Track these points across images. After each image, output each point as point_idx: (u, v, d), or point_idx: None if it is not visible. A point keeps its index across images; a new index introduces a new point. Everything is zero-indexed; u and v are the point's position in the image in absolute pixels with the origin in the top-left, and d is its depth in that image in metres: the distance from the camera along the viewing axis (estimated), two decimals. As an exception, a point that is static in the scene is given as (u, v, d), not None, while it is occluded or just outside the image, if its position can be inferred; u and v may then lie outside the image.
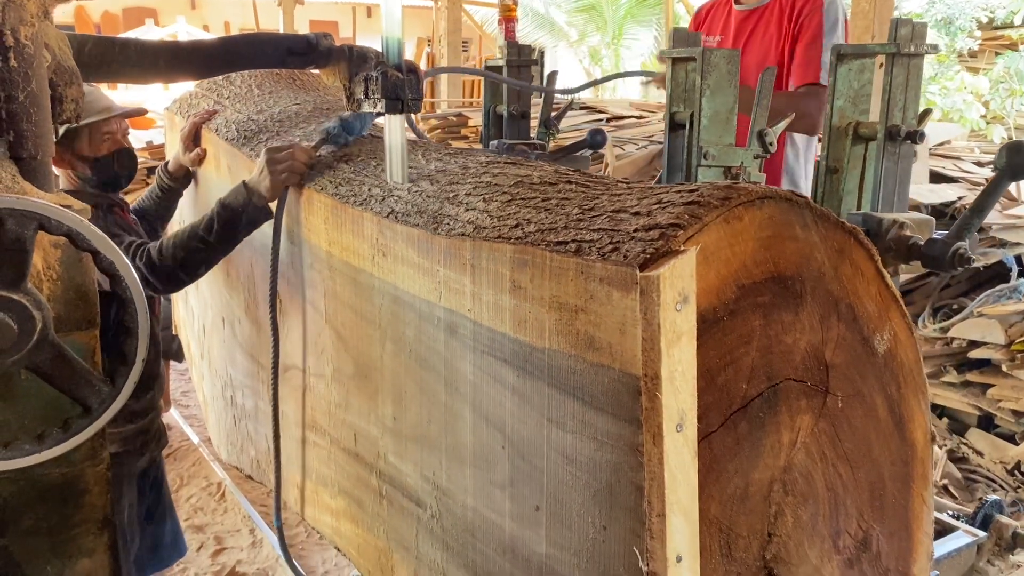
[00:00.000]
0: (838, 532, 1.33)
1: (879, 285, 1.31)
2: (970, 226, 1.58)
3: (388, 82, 1.78)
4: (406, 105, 1.80)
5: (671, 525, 1.07)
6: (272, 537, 3.62)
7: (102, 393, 1.34)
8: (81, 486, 1.45)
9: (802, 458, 1.27)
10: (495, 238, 1.33)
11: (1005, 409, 4.12)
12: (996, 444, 4.15)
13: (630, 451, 1.09)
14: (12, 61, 1.38)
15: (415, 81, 1.81)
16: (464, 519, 1.50)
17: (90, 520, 1.47)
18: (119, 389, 1.35)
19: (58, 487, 1.44)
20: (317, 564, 3.49)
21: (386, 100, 1.79)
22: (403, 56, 1.80)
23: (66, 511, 1.45)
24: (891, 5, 5.46)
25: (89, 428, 1.34)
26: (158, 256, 2.06)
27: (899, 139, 1.71)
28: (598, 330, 1.13)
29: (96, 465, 1.45)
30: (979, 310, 4.31)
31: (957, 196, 5.24)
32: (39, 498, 1.43)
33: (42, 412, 1.39)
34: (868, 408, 1.33)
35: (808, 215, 1.20)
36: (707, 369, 1.12)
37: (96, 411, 1.34)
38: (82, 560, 1.49)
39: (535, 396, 1.26)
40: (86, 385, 1.33)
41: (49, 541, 1.45)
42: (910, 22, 1.66)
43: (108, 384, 1.34)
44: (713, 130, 1.99)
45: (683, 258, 1.04)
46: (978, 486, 4.09)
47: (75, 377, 1.32)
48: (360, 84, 1.93)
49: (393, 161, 1.75)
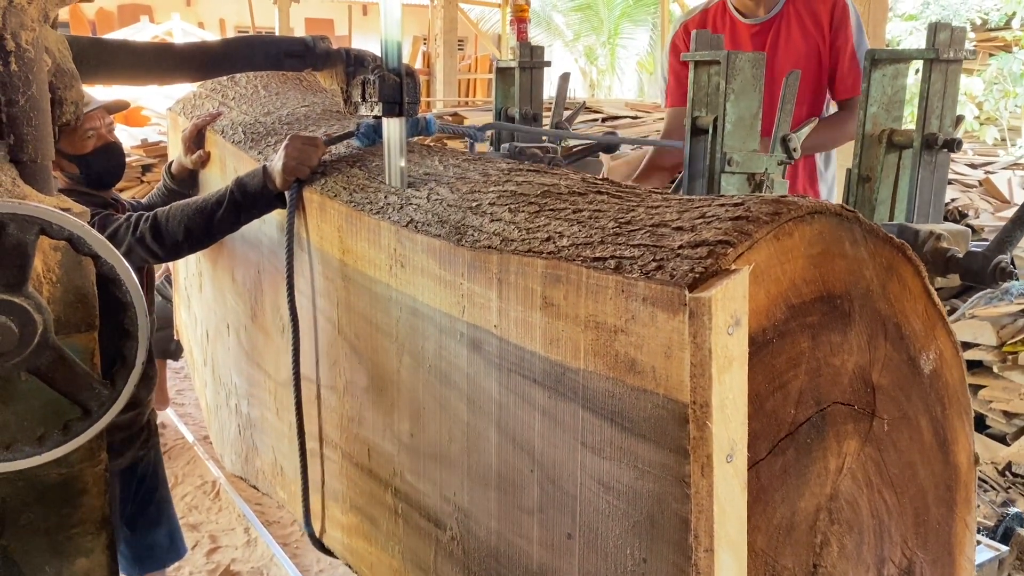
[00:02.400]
0: (883, 560, 1.27)
1: (926, 303, 1.25)
2: (1012, 238, 1.53)
3: (386, 86, 1.77)
4: (403, 109, 1.79)
5: (719, 561, 1.01)
6: (267, 535, 3.61)
7: (102, 396, 1.36)
8: (80, 487, 1.48)
9: (848, 485, 1.21)
10: (525, 252, 1.27)
11: (996, 410, 4.14)
12: (988, 445, 4.16)
13: (675, 482, 1.03)
14: (13, 65, 1.39)
15: (413, 85, 1.80)
16: (488, 543, 1.44)
17: (88, 520, 1.50)
18: (118, 392, 1.36)
19: (57, 487, 1.46)
20: (312, 563, 3.49)
21: (383, 104, 1.78)
22: (402, 60, 1.79)
23: (65, 511, 1.48)
24: (885, 7, 5.41)
25: (89, 430, 1.36)
26: (165, 224, 2.02)
27: (936, 147, 1.65)
28: (640, 352, 1.07)
29: (95, 466, 1.47)
30: (971, 312, 4.35)
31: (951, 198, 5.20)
32: (38, 498, 1.45)
33: (41, 414, 1.41)
34: (913, 431, 1.28)
35: (858, 230, 1.15)
36: (756, 394, 1.06)
37: (96, 414, 1.36)
38: (80, 560, 1.51)
39: (568, 419, 1.20)
40: (86, 388, 1.35)
41: (48, 541, 1.48)
42: (949, 26, 1.60)
43: (108, 387, 1.36)
44: (737, 135, 1.93)
45: (735, 278, 0.98)
46: (971, 488, 4.08)
47: (75, 380, 1.34)
48: (357, 87, 1.92)
49: (391, 166, 1.74)
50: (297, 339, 1.99)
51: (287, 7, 13.76)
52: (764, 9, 2.73)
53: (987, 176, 7.23)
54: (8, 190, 1.38)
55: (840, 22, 2.61)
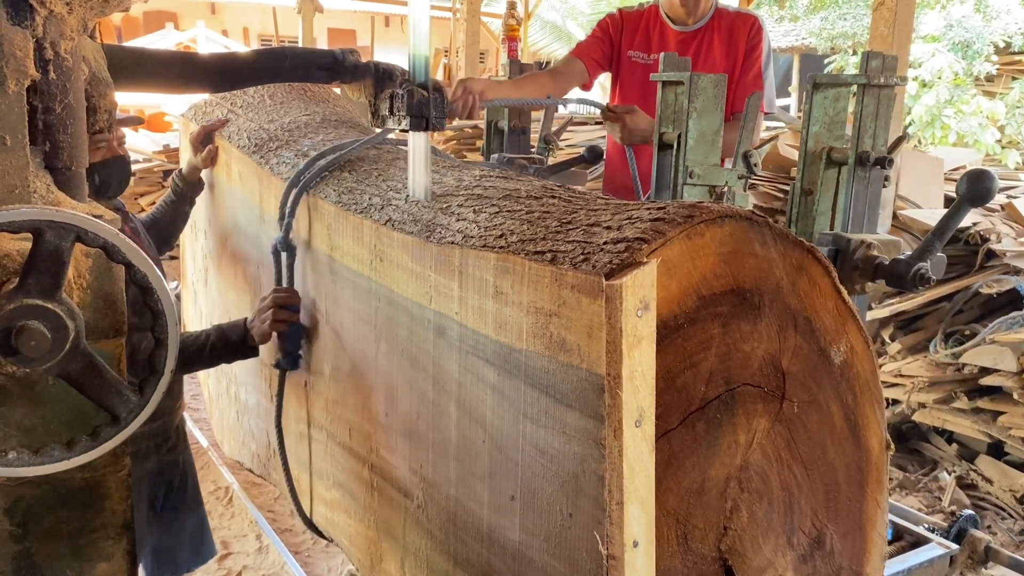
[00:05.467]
0: (792, 529, 1.43)
1: (836, 300, 1.40)
2: (932, 248, 1.68)
3: (414, 100, 1.80)
4: (430, 123, 1.81)
5: (629, 513, 1.17)
6: (278, 542, 3.68)
7: (130, 402, 1.37)
8: (103, 491, 1.48)
9: (758, 458, 1.36)
10: (481, 247, 1.44)
11: (1015, 437, 4.11)
12: (1006, 472, 4.16)
13: (594, 444, 1.19)
14: (51, 74, 1.42)
15: (440, 99, 1.82)
16: (447, 509, 1.60)
17: (110, 525, 1.50)
18: (147, 399, 1.38)
19: (80, 491, 1.47)
20: (323, 571, 3.52)
21: (411, 118, 1.81)
22: (430, 74, 1.82)
23: (87, 515, 1.48)
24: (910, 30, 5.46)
25: (117, 436, 1.37)
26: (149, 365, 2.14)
27: (868, 165, 1.81)
28: (569, 333, 1.23)
29: (118, 471, 1.48)
30: (991, 337, 4.24)
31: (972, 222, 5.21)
32: (61, 502, 1.46)
33: (67, 418, 1.41)
34: (824, 415, 1.43)
35: (768, 233, 1.30)
36: (667, 371, 1.22)
37: (124, 420, 1.37)
38: (100, 564, 1.51)
39: (513, 393, 1.37)
40: (115, 394, 1.36)
41: (70, 544, 1.48)
42: (881, 55, 1.76)
43: (137, 393, 1.38)
44: (699, 150, 2.09)
45: (644, 269, 1.14)
46: (987, 513, 4.11)
47: (105, 386, 1.35)
48: (385, 101, 1.95)
49: (416, 177, 1.77)
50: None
51: (311, 17, 14.02)
52: (693, 19, 2.98)
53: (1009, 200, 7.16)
54: (42, 196, 1.40)
55: (754, 42, 2.89)
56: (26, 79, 1.37)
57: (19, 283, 1.27)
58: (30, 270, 1.26)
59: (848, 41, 14.62)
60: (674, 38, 3.00)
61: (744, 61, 2.89)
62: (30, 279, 1.26)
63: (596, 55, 3.09)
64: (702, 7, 2.95)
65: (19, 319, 1.25)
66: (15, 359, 1.26)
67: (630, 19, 3.09)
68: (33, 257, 1.26)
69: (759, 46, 2.89)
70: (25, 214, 1.24)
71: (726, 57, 2.91)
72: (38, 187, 1.40)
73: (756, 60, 2.88)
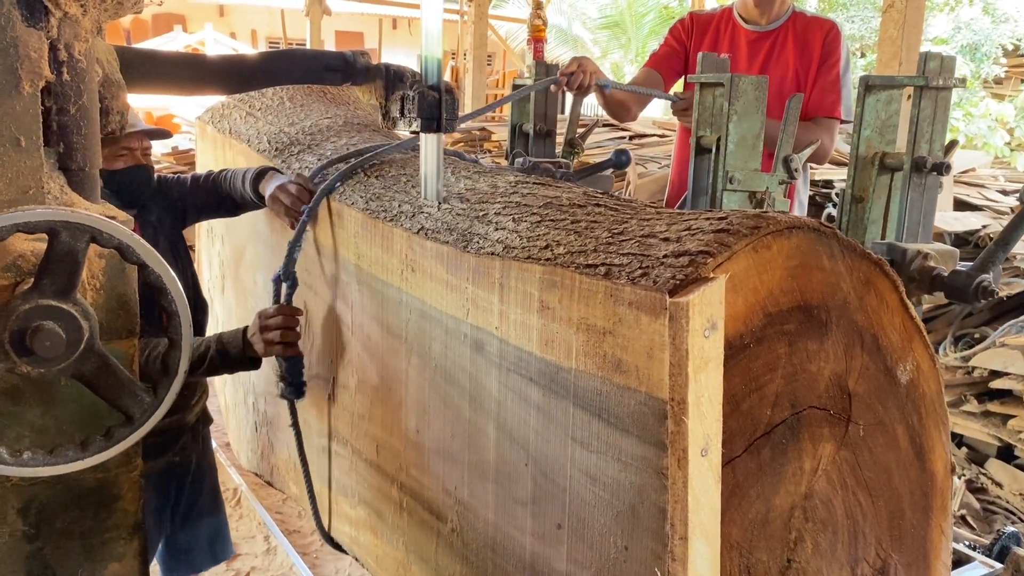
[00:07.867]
0: (856, 560, 1.34)
1: (903, 316, 1.32)
2: (995, 259, 1.59)
3: (425, 102, 1.77)
4: (442, 125, 1.79)
5: (693, 549, 1.08)
6: (286, 544, 3.65)
7: (144, 403, 1.37)
8: (115, 491, 1.49)
9: (823, 485, 1.28)
10: (524, 258, 1.36)
11: None
12: (1016, 475, 4.10)
13: (654, 474, 1.11)
14: (65, 75, 1.43)
15: (452, 102, 1.80)
16: (485, 534, 1.52)
17: (122, 525, 1.51)
18: (160, 399, 1.38)
19: (93, 492, 1.47)
20: (331, 573, 3.49)
21: (422, 120, 1.78)
22: (441, 76, 1.80)
23: (100, 515, 1.49)
24: (919, 32, 5.41)
25: (131, 436, 1.37)
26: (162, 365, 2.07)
27: (925, 170, 1.72)
28: (625, 353, 1.14)
29: (130, 472, 1.48)
30: (1001, 340, 4.24)
31: (981, 224, 5.21)
32: (74, 502, 1.46)
33: (81, 419, 1.41)
34: (889, 438, 1.34)
35: (835, 245, 1.22)
36: (732, 395, 1.14)
37: (138, 420, 1.37)
38: (112, 564, 1.51)
39: (560, 415, 1.28)
40: (129, 395, 1.36)
41: (82, 545, 1.48)
42: (939, 56, 1.67)
43: (150, 394, 1.37)
44: (739, 155, 2.01)
45: (712, 285, 1.06)
46: (996, 517, 4.06)
47: (119, 386, 1.35)
48: (396, 103, 1.95)
49: (428, 180, 1.75)
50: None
51: (319, 19, 13.94)
52: (767, 20, 2.91)
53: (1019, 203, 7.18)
54: (56, 197, 1.40)
55: (831, 47, 2.80)
56: (41, 80, 1.37)
57: (34, 283, 1.28)
58: (45, 271, 1.27)
59: (856, 44, 14.54)
60: (745, 38, 2.94)
61: (820, 66, 2.82)
62: (45, 280, 1.27)
63: (672, 63, 3.05)
64: (776, 8, 2.89)
65: (34, 319, 1.26)
66: (30, 359, 1.27)
67: (700, 22, 3.05)
68: (48, 258, 1.27)
69: (836, 51, 2.82)
70: (40, 215, 1.24)
71: (799, 60, 2.84)
72: (52, 188, 1.41)
73: (833, 66, 2.81)
